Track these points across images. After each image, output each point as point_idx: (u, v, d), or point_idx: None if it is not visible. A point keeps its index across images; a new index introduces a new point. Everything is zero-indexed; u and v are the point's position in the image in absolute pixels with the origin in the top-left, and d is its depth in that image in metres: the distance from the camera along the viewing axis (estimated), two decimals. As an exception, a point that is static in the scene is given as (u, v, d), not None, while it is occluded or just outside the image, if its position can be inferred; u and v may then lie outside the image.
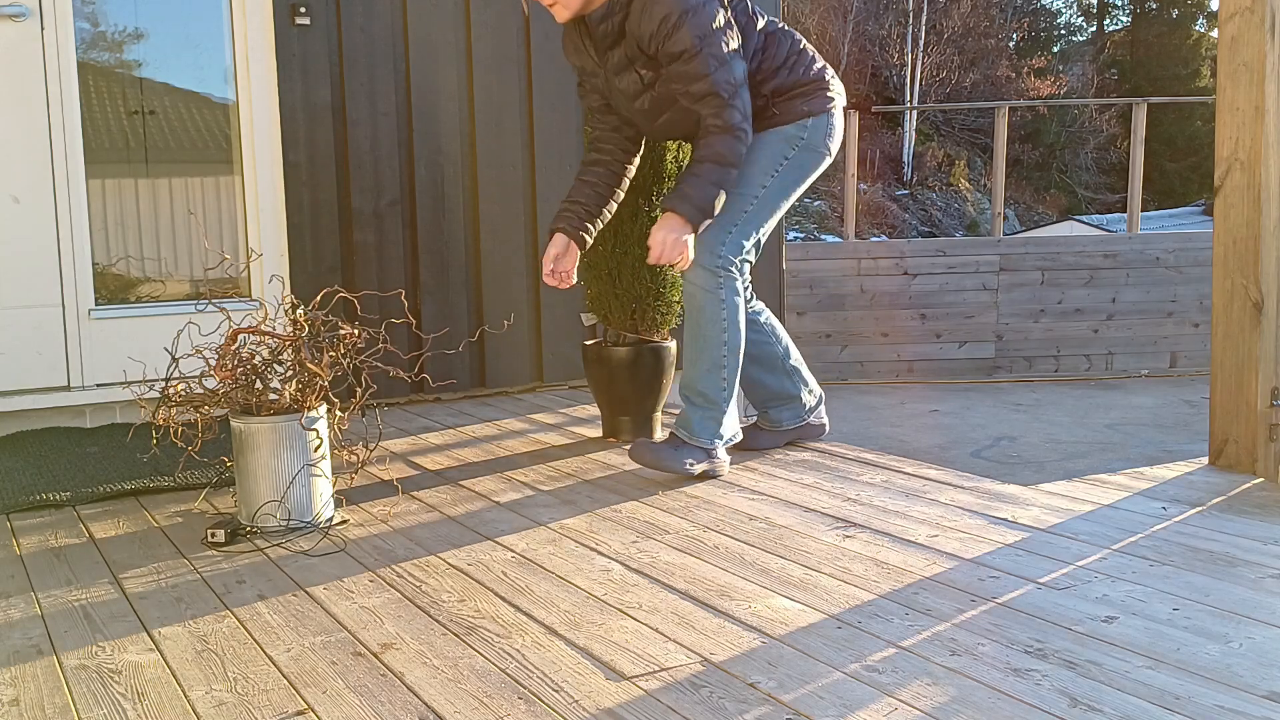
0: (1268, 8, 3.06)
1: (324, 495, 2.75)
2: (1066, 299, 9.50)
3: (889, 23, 24.34)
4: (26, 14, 3.75)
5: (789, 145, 3.08)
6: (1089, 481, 3.03)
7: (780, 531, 2.62)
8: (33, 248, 3.81)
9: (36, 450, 3.51)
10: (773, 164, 3.08)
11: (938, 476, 3.10)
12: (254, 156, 4.06)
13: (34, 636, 2.07)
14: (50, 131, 3.80)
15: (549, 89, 4.50)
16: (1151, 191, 22.23)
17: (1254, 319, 3.11)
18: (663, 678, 1.84)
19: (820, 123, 3.10)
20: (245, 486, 2.69)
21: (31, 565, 2.49)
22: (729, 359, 3.07)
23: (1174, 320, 9.58)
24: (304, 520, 2.69)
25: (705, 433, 3.08)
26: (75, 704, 1.79)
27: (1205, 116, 24.14)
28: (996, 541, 2.50)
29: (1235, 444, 3.17)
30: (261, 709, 1.75)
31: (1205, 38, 28.55)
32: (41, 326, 3.84)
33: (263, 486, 2.67)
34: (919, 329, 9.42)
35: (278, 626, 2.09)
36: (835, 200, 19.75)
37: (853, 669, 1.85)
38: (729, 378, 3.08)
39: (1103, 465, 6.08)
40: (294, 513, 2.68)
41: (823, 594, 2.20)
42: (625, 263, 3.46)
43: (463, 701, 1.76)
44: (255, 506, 2.67)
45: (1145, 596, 2.15)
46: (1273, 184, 3.09)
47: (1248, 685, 1.76)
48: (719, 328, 3.04)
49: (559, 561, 2.44)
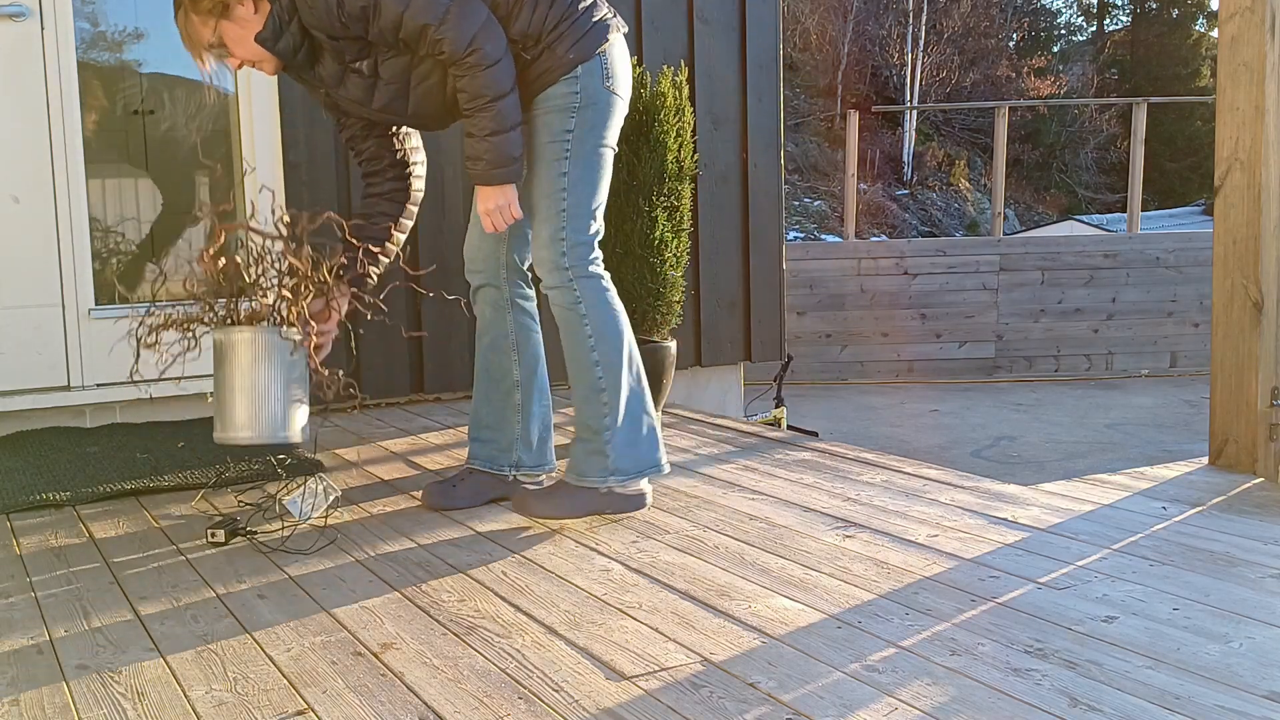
0: (1268, 8, 3.07)
1: (301, 419, 2.61)
2: (1066, 299, 9.51)
3: (889, 23, 24.33)
4: (26, 14, 3.75)
5: (566, 115, 2.62)
6: (1089, 481, 3.03)
7: (780, 531, 2.62)
8: (33, 248, 3.81)
9: (36, 450, 3.51)
10: (560, 145, 2.63)
11: (938, 476, 3.10)
12: (254, 156, 4.06)
13: (34, 636, 2.07)
14: (50, 131, 3.80)
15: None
16: (1151, 191, 22.23)
17: (1254, 319, 3.11)
18: (663, 677, 1.84)
19: (593, 67, 2.61)
20: (222, 400, 2.57)
21: (31, 565, 2.49)
22: (607, 378, 2.65)
23: (1174, 320, 9.59)
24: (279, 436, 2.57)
25: (591, 471, 2.67)
26: (75, 704, 1.79)
27: (1205, 116, 24.13)
28: (996, 541, 2.50)
29: (1235, 444, 3.17)
30: (261, 709, 1.75)
31: (1205, 38, 28.54)
32: (41, 326, 3.84)
33: (239, 401, 2.54)
34: (919, 329, 9.43)
35: (278, 626, 2.09)
36: (835, 200, 19.75)
37: (853, 669, 1.85)
38: (611, 399, 2.65)
39: (1103, 465, 6.08)
40: (269, 429, 2.56)
41: (823, 594, 2.20)
42: (625, 263, 3.46)
43: (463, 701, 1.76)
44: (231, 423, 2.55)
45: (1145, 596, 2.15)
46: (1273, 184, 3.09)
47: (1248, 685, 1.76)
48: (585, 346, 2.65)
49: (559, 561, 2.44)
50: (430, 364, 4.32)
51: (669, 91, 3.51)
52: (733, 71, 4.84)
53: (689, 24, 4.73)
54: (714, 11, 4.78)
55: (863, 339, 9.43)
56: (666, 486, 3.04)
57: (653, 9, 4.64)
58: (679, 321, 3.64)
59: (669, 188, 3.50)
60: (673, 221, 3.53)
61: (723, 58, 4.82)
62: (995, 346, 9.51)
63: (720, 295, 4.86)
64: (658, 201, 3.47)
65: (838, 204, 18.94)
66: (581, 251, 2.65)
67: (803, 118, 22.11)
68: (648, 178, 3.44)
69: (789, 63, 20.31)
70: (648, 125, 3.47)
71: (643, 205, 3.44)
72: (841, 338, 9.43)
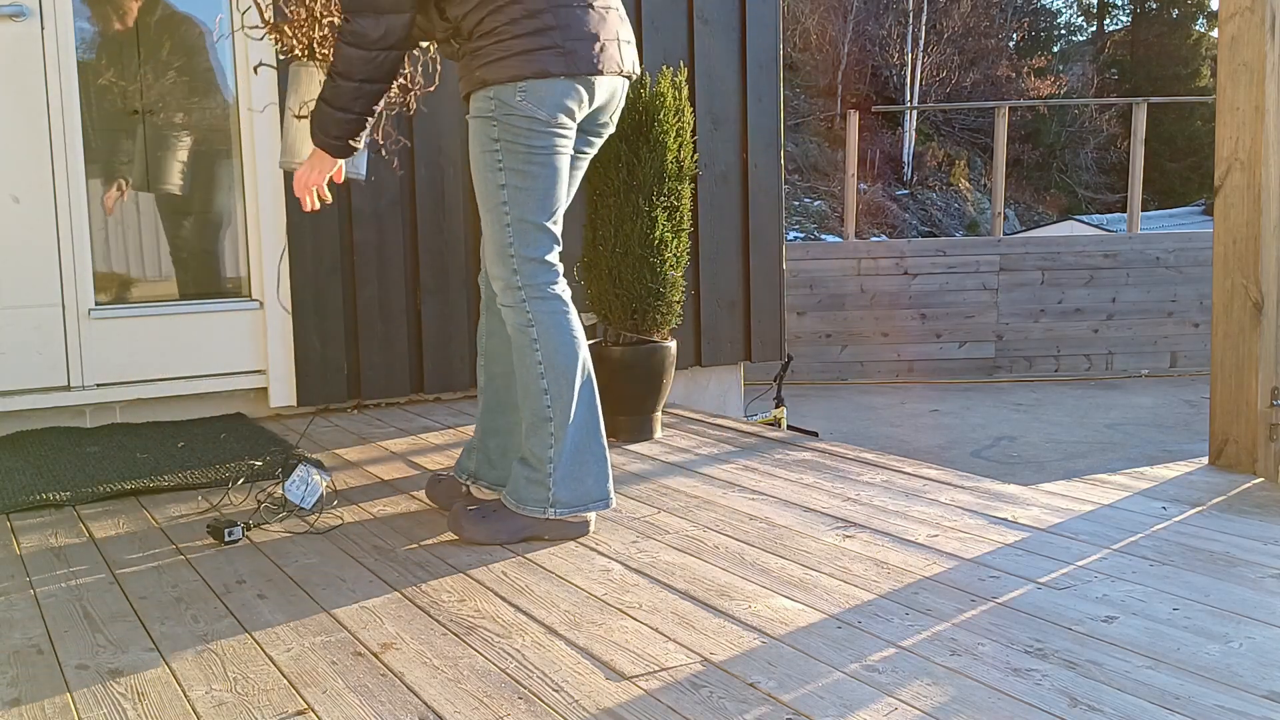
0: (1268, 8, 3.07)
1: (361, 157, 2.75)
2: (1066, 299, 9.51)
3: (889, 23, 24.33)
4: (26, 14, 3.75)
5: (489, 123, 2.47)
6: (1089, 481, 3.03)
7: (780, 531, 2.62)
8: (33, 248, 3.81)
9: (36, 450, 3.51)
10: (491, 155, 2.49)
11: (938, 476, 3.10)
12: (254, 155, 4.06)
13: (34, 636, 2.07)
14: (50, 131, 3.80)
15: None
16: (1151, 191, 22.23)
17: (1254, 319, 3.11)
18: (663, 677, 1.84)
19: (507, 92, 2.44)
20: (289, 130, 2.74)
21: (31, 565, 2.49)
22: (555, 407, 2.52)
23: (1174, 320, 9.59)
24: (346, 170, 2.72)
25: (530, 499, 2.55)
26: (75, 704, 1.79)
27: (1205, 116, 24.13)
28: (996, 541, 2.50)
29: (1235, 444, 3.17)
30: (261, 709, 1.75)
31: (1205, 38, 28.54)
32: (41, 326, 3.84)
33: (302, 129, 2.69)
34: (919, 329, 9.43)
35: (278, 626, 2.09)
36: (835, 200, 19.75)
37: (853, 669, 1.85)
38: (558, 431, 2.52)
39: (1103, 465, 6.08)
40: None
41: (823, 594, 2.20)
42: (625, 263, 3.46)
43: (463, 701, 1.76)
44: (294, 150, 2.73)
45: (1145, 596, 2.15)
46: (1273, 184, 3.09)
47: (1248, 685, 1.76)
48: (535, 373, 2.53)
49: (559, 561, 2.44)
50: (430, 364, 4.32)
51: (669, 91, 3.52)
52: (733, 71, 4.84)
53: (689, 24, 4.73)
54: (714, 11, 4.78)
55: (863, 339, 9.44)
56: (666, 486, 3.04)
57: (653, 9, 4.65)
58: (679, 321, 3.64)
59: (669, 188, 3.50)
60: (673, 221, 3.53)
61: (723, 58, 4.82)
62: (995, 346, 9.51)
63: (720, 295, 4.86)
64: (658, 201, 3.47)
65: (838, 204, 18.95)
66: (533, 269, 2.52)
67: (803, 118, 22.12)
68: (647, 178, 3.44)
69: (789, 63, 20.32)
70: (647, 125, 3.47)
71: (643, 205, 3.44)
72: (841, 338, 9.44)
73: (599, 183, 3.53)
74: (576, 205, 4.41)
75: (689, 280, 4.07)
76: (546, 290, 2.54)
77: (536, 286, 2.53)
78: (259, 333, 4.11)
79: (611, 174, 3.47)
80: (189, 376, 4.01)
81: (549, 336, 2.53)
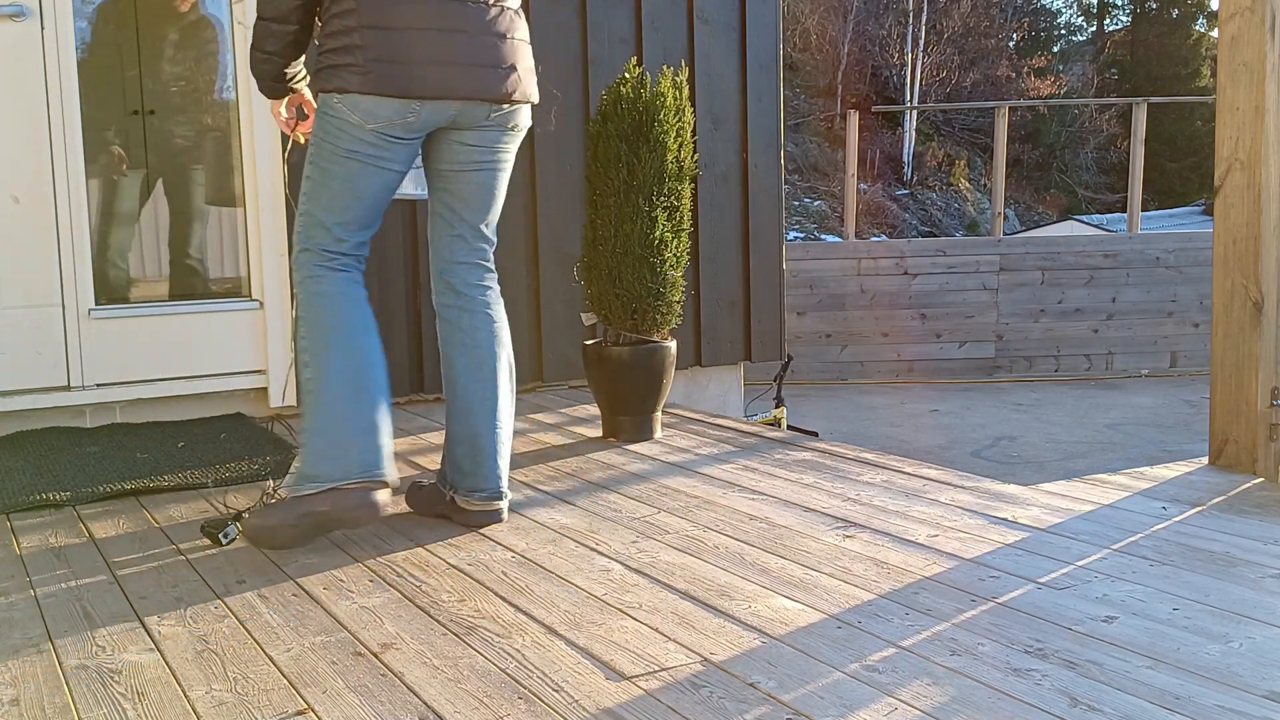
0: (1268, 8, 3.07)
1: None
2: (1066, 299, 9.51)
3: (889, 23, 24.33)
4: (26, 14, 3.75)
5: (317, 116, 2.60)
6: (1089, 481, 3.03)
7: (780, 531, 2.62)
8: (33, 248, 3.81)
9: (36, 450, 3.51)
10: (311, 149, 2.62)
11: (938, 476, 3.10)
12: (254, 155, 4.06)
13: (34, 636, 2.07)
14: (50, 131, 3.80)
15: (549, 88, 4.49)
16: (1151, 191, 22.23)
17: (1254, 319, 3.11)
18: (663, 678, 1.84)
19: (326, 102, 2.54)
20: None
21: (31, 565, 2.49)
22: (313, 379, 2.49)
23: (1174, 320, 9.59)
24: None
25: (288, 479, 2.48)
26: (75, 704, 1.79)
27: (1205, 116, 24.13)
28: (996, 541, 2.50)
29: (1235, 444, 3.17)
30: (261, 709, 1.75)
31: (1205, 38, 28.54)
32: (41, 326, 3.84)
33: None
34: (919, 329, 9.43)
35: (278, 626, 2.09)
36: (835, 200, 19.75)
37: (853, 669, 1.85)
38: (314, 404, 2.47)
39: (1103, 465, 6.09)
40: None
41: (823, 594, 2.20)
42: (625, 263, 3.46)
43: (463, 701, 1.76)
44: None
45: (1145, 596, 2.15)
46: (1273, 184, 3.09)
47: (1248, 685, 1.76)
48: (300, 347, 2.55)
49: (559, 561, 2.44)
50: (430, 364, 4.32)
51: (669, 91, 3.51)
52: (733, 71, 4.84)
53: (689, 24, 4.73)
54: (714, 11, 4.78)
55: (863, 339, 9.44)
56: (666, 486, 3.04)
57: (653, 9, 4.65)
58: (679, 321, 3.64)
59: (669, 188, 3.50)
60: (673, 221, 3.53)
61: (723, 58, 4.82)
62: (995, 346, 9.51)
63: (720, 295, 4.86)
64: (658, 201, 3.47)
65: (838, 204, 18.95)
66: (304, 259, 2.57)
67: (803, 118, 22.11)
68: (647, 178, 3.43)
69: (789, 63, 20.31)
70: (647, 125, 3.46)
71: (642, 205, 3.44)
72: (841, 338, 9.44)
73: (599, 183, 3.53)
74: (576, 205, 4.42)
75: (689, 280, 4.06)
76: (314, 270, 2.58)
77: (303, 271, 2.58)
78: (259, 333, 4.11)
79: (611, 174, 3.47)
80: (189, 376, 4.01)
81: (306, 312, 2.55)
